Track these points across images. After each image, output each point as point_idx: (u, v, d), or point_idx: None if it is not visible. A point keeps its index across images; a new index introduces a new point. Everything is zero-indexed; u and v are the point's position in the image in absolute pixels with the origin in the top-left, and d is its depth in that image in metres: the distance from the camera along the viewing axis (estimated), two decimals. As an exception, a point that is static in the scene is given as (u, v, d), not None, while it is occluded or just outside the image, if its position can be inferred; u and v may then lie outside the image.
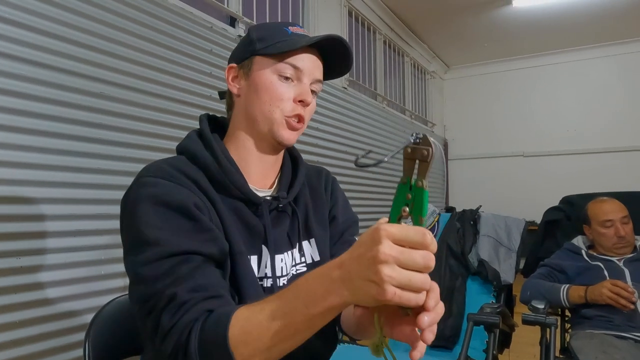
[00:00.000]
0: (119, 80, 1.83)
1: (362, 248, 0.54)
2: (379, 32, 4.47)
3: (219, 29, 2.38)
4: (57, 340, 1.58)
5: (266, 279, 0.84)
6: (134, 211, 0.74)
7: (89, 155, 1.70)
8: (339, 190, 1.06)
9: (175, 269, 0.70)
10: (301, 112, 0.85)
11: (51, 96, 1.59)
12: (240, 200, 0.84)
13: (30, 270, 1.53)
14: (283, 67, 0.83)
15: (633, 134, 5.33)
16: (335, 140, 3.41)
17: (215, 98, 2.29)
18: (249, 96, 0.86)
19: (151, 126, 1.95)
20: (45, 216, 1.57)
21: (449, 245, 2.50)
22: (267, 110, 0.84)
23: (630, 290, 1.70)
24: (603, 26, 4.94)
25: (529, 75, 5.91)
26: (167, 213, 0.74)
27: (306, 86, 0.85)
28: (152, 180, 0.77)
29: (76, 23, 1.68)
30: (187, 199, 0.75)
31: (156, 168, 0.79)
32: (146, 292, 0.70)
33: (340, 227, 1.00)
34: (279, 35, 0.85)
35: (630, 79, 5.39)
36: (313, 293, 0.58)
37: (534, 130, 5.84)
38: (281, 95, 0.83)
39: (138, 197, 0.75)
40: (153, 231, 0.71)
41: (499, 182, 5.94)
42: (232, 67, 0.88)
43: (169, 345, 0.67)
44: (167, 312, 0.67)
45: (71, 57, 1.66)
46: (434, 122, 5.94)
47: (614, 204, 1.99)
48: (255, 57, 0.85)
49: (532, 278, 2.02)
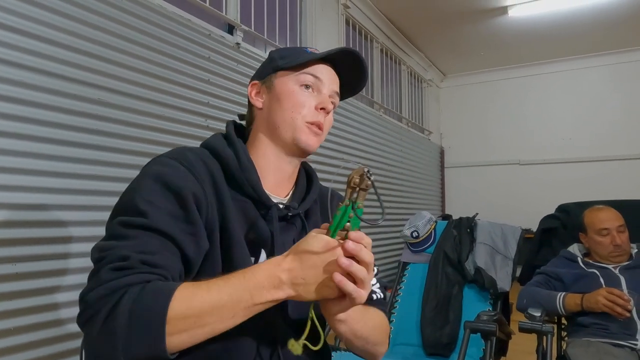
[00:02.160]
0: (117, 87, 1.83)
1: (313, 259, 0.68)
2: (376, 41, 4.50)
3: (217, 37, 2.39)
4: (53, 347, 1.57)
5: None
6: (138, 181, 0.77)
7: (85, 161, 1.70)
8: None
9: (145, 239, 0.70)
10: (321, 119, 0.89)
11: (48, 102, 1.59)
12: (251, 199, 0.85)
13: (26, 276, 1.52)
14: (304, 77, 0.89)
15: (627, 143, 5.36)
16: (331, 147, 3.42)
17: (213, 105, 2.29)
18: (271, 106, 0.90)
19: (149, 133, 1.95)
20: (40, 222, 1.57)
21: (445, 253, 2.50)
22: (289, 116, 0.87)
23: (626, 298, 1.71)
24: (597, 36, 5.00)
25: (524, 84, 5.95)
26: (163, 193, 0.75)
27: (326, 96, 0.90)
28: (167, 160, 0.79)
29: (74, 29, 1.69)
30: (188, 188, 0.76)
31: (178, 152, 0.82)
32: (108, 245, 0.69)
33: None
34: (299, 53, 0.90)
35: (624, 88, 5.44)
36: (260, 287, 0.67)
37: (529, 139, 5.87)
38: (303, 102, 0.88)
39: (147, 171, 0.78)
40: (143, 203, 0.73)
41: (495, 190, 5.96)
42: (254, 84, 0.94)
43: (95, 295, 0.64)
44: (112, 268, 0.66)
45: (69, 64, 1.66)
46: (431, 129, 5.97)
47: (611, 213, 2.00)
48: (278, 72, 0.91)
49: (528, 286, 2.02)
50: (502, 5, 4.28)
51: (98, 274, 0.66)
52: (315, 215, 0.97)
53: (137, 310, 0.62)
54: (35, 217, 1.55)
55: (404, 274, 2.63)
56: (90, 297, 0.65)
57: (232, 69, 2.46)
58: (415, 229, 2.65)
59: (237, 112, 0.98)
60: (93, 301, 0.64)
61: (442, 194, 6.17)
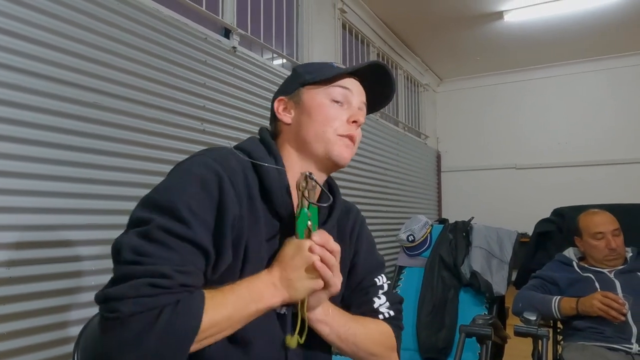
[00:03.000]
0: (113, 91, 1.83)
1: (294, 261, 0.77)
2: (372, 45, 4.51)
3: (214, 41, 2.39)
4: (47, 352, 1.55)
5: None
6: (179, 180, 0.76)
7: (80, 164, 1.69)
8: (365, 235, 1.05)
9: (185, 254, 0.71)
10: (354, 132, 0.88)
11: (44, 105, 1.59)
12: (278, 220, 0.85)
13: (20, 280, 1.51)
14: (333, 90, 0.89)
15: (623, 147, 5.39)
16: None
17: (209, 108, 2.29)
18: (301, 121, 0.89)
19: (145, 136, 1.95)
20: (35, 226, 1.56)
21: (441, 257, 2.50)
22: (320, 130, 0.87)
23: (620, 301, 1.71)
24: (593, 41, 5.03)
25: (520, 89, 5.97)
26: (207, 203, 0.74)
27: (356, 108, 0.90)
28: (213, 164, 0.77)
29: (71, 33, 1.68)
30: (232, 208, 0.76)
31: (220, 156, 0.80)
32: (147, 250, 0.69)
33: (358, 276, 1.00)
34: (325, 68, 0.91)
35: (620, 92, 5.47)
36: (261, 294, 0.76)
37: (525, 143, 5.90)
38: (334, 115, 0.88)
39: (192, 170, 0.77)
40: (186, 211, 0.72)
41: (491, 194, 5.98)
42: (281, 100, 0.92)
43: (126, 310, 0.65)
44: (149, 282, 0.66)
45: (63, 67, 1.66)
46: (427, 134, 5.98)
47: (605, 217, 2.01)
48: (305, 87, 0.90)
49: (524, 290, 2.02)
50: (498, 10, 4.30)
51: (135, 285, 0.66)
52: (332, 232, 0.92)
53: (169, 334, 0.66)
54: (30, 221, 1.54)
55: (399, 277, 2.63)
56: (123, 308, 0.65)
57: (228, 72, 2.46)
58: (411, 232, 2.65)
59: (234, 115, 0.97)
60: (126, 314, 0.65)
61: (439, 198, 6.18)
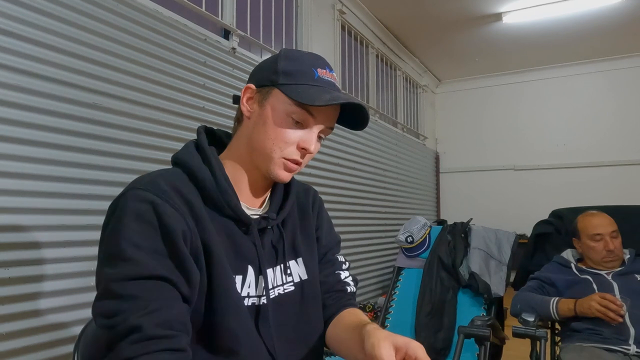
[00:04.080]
0: (113, 91, 1.83)
1: None
2: (371, 46, 4.52)
3: (213, 41, 2.40)
4: (46, 352, 1.55)
5: (248, 298, 0.84)
6: (118, 223, 0.73)
7: (79, 165, 1.70)
8: (325, 211, 1.07)
9: (146, 294, 0.70)
10: (299, 159, 0.85)
11: (42, 105, 1.59)
12: (230, 218, 0.84)
13: (19, 281, 1.51)
14: (298, 112, 0.82)
15: (621, 149, 5.40)
16: (326, 152, 3.43)
17: (208, 109, 2.30)
18: (256, 124, 0.85)
19: (144, 137, 1.95)
20: (34, 227, 1.56)
21: (440, 258, 2.51)
22: (269, 147, 0.83)
23: (618, 303, 1.71)
24: (592, 43, 5.04)
25: (519, 90, 5.99)
26: (151, 234, 0.73)
27: (313, 134, 0.85)
28: (143, 194, 0.75)
29: (70, 34, 1.69)
30: (176, 225, 0.74)
31: (150, 182, 0.78)
32: (112, 309, 0.69)
33: (323, 249, 1.02)
34: (305, 77, 0.83)
35: (618, 95, 5.49)
36: None
37: (524, 144, 5.91)
38: (287, 138, 0.83)
39: (125, 208, 0.74)
40: (131, 249, 0.71)
41: (490, 195, 5.99)
42: (249, 88, 0.87)
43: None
44: (128, 341, 0.67)
45: (63, 67, 1.66)
46: (426, 135, 5.99)
47: (604, 218, 2.01)
48: (274, 89, 0.84)
49: (522, 291, 2.03)
50: (496, 12, 4.31)
51: (119, 348, 0.67)
52: (292, 219, 0.96)
53: None
54: (29, 222, 1.54)
55: (398, 279, 2.64)
56: None
57: (227, 73, 2.46)
58: (410, 234, 2.65)
59: (233, 116, 0.96)
60: None
61: (437, 199, 6.19)
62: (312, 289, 0.95)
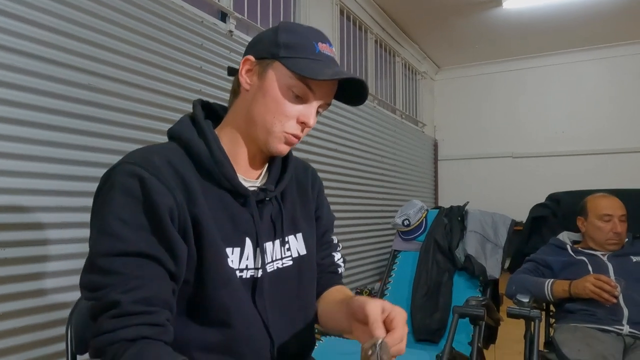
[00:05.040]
0: (108, 73, 1.82)
1: None
2: (370, 32, 4.49)
3: (210, 24, 2.38)
4: (41, 333, 1.57)
5: (247, 270, 0.84)
6: (106, 198, 0.74)
7: (75, 147, 1.69)
8: (323, 193, 1.07)
9: (129, 271, 0.70)
10: (299, 133, 0.85)
11: (37, 86, 1.58)
12: (227, 191, 0.83)
13: (15, 262, 1.51)
14: (298, 86, 0.81)
15: (620, 137, 5.40)
16: (323, 137, 3.42)
17: (205, 92, 2.29)
18: (256, 97, 0.84)
19: (139, 119, 1.94)
20: (31, 208, 1.56)
21: (436, 241, 2.52)
22: (269, 120, 0.83)
23: (613, 284, 1.72)
24: (593, 29, 5.01)
25: (518, 77, 5.96)
26: (137, 209, 0.73)
27: (313, 109, 0.85)
28: (132, 168, 0.75)
29: (64, 14, 1.67)
30: (163, 202, 0.74)
31: (142, 157, 0.77)
32: (96, 283, 0.71)
33: (322, 228, 1.03)
34: (306, 51, 0.82)
35: (618, 82, 5.46)
36: None
37: (522, 132, 5.90)
38: (287, 112, 0.83)
39: (115, 183, 0.74)
40: (117, 224, 0.71)
41: (488, 182, 5.99)
42: (249, 60, 0.85)
43: (97, 344, 0.69)
44: (108, 315, 0.69)
45: (58, 48, 1.65)
46: (424, 122, 5.97)
47: (615, 201, 2.01)
48: (275, 62, 0.82)
49: (517, 273, 2.03)
50: (496, -4, 4.28)
51: (98, 322, 0.70)
52: (291, 194, 0.96)
53: None
54: (26, 203, 1.54)
55: (394, 262, 2.65)
56: (94, 343, 0.70)
57: (224, 57, 2.45)
58: (407, 217, 2.66)
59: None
60: (96, 347, 0.70)
61: (435, 186, 6.19)
62: (309, 265, 0.95)
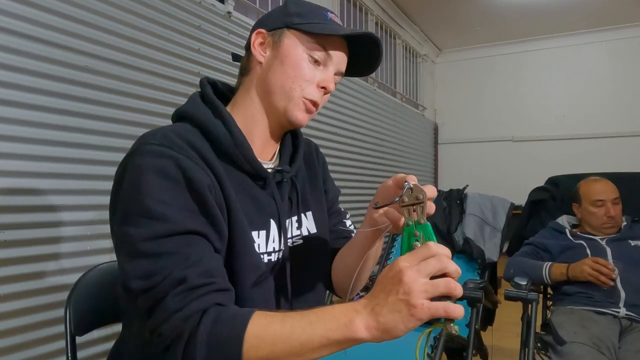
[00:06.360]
0: (105, 54, 1.80)
1: (384, 284, 0.61)
2: (370, 13, 4.43)
3: (208, 5, 2.35)
4: (40, 315, 1.57)
5: (274, 253, 0.84)
6: (139, 180, 0.70)
7: (72, 129, 1.68)
8: (326, 165, 1.08)
9: (183, 249, 0.68)
10: (319, 99, 0.85)
11: (34, 68, 1.56)
12: (247, 173, 0.82)
13: (14, 244, 1.51)
14: (316, 49, 0.82)
15: (621, 120, 5.37)
16: (324, 120, 3.40)
17: (204, 74, 2.25)
18: (273, 66, 0.83)
19: (137, 101, 1.93)
20: (29, 190, 1.56)
21: (434, 224, 2.51)
22: (289, 86, 0.82)
23: (610, 267, 1.73)
24: (594, 12, 4.95)
25: (519, 60, 5.91)
26: (177, 188, 0.70)
27: (331, 74, 0.85)
28: (160, 149, 0.72)
29: (59, -7, 1.65)
30: (202, 179, 0.72)
31: (163, 136, 0.74)
32: (150, 269, 0.67)
33: (330, 201, 1.04)
34: (318, 17, 0.84)
35: (619, 65, 5.42)
36: (336, 320, 0.62)
37: (523, 115, 5.87)
38: (307, 76, 0.82)
39: (144, 165, 0.70)
40: (159, 205, 0.68)
41: (488, 166, 5.99)
42: (260, 32, 0.85)
43: (169, 327, 0.65)
44: (174, 294, 0.65)
45: (54, 29, 1.62)
46: (425, 105, 5.94)
47: (607, 185, 2.00)
48: (289, 30, 0.83)
49: (516, 256, 2.04)
50: (498, -23, 4.22)
51: (164, 304, 0.65)
52: (301, 172, 0.95)
53: (214, 343, 0.63)
54: (24, 185, 1.54)
55: (394, 244, 2.65)
56: (164, 329, 0.65)
57: (223, 38, 2.42)
58: (406, 201, 2.65)
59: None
60: (168, 332, 0.65)
61: (435, 170, 6.19)
62: (319, 243, 0.95)
